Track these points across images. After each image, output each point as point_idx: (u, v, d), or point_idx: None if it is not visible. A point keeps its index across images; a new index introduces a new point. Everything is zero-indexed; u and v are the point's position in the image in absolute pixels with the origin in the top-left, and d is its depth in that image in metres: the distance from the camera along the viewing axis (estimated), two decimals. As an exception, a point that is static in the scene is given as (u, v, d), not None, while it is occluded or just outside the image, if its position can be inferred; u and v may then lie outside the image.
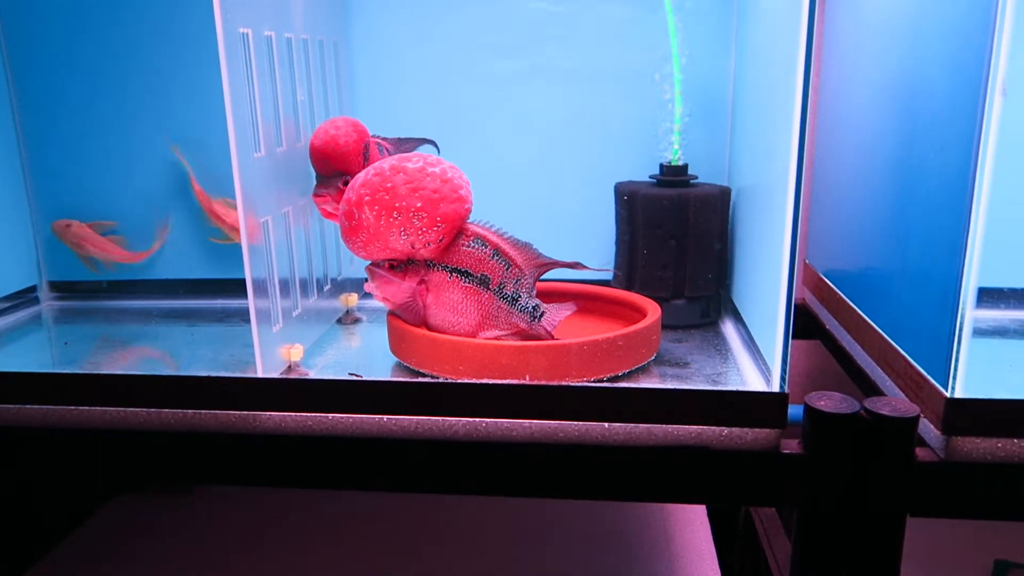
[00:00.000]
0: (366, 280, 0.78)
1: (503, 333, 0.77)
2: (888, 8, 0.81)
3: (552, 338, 0.77)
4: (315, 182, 0.83)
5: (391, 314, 0.80)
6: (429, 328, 0.79)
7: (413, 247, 0.75)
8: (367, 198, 0.73)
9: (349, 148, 0.80)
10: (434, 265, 0.77)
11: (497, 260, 0.78)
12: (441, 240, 0.75)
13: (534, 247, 0.80)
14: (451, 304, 0.77)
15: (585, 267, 0.80)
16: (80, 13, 0.98)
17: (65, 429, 0.75)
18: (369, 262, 0.78)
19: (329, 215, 0.84)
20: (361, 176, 0.75)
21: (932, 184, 0.68)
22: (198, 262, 1.04)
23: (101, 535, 1.14)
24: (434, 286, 0.77)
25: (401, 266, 0.77)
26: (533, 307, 0.77)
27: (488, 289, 0.77)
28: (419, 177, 0.74)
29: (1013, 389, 0.67)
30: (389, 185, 0.73)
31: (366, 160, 0.82)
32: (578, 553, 1.06)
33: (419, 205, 0.73)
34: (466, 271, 0.77)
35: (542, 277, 0.83)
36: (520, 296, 0.77)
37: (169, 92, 0.99)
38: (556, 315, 0.78)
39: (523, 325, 0.77)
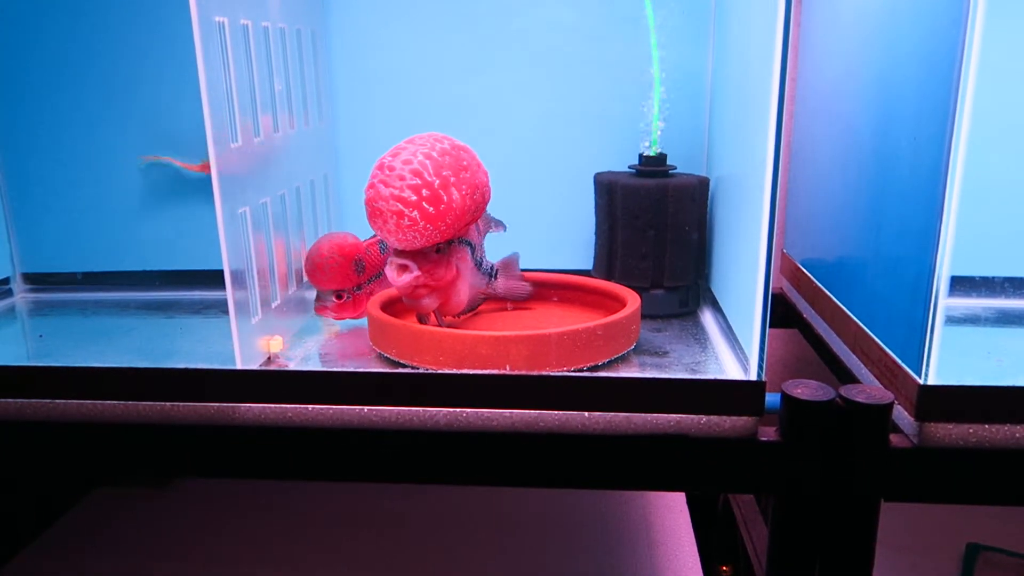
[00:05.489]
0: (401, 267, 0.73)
1: (473, 296, 0.81)
2: (864, 1, 0.82)
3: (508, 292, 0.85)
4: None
5: (373, 305, 0.80)
6: (441, 309, 0.78)
7: (469, 224, 0.74)
8: (452, 179, 0.69)
9: (334, 269, 0.83)
10: (462, 241, 0.77)
11: (475, 229, 0.79)
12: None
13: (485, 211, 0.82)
14: (466, 277, 0.77)
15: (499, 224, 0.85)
16: None
17: (42, 422, 0.74)
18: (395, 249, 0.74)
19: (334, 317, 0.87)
20: (419, 159, 0.69)
21: (906, 174, 0.69)
22: (175, 253, 1.03)
23: (79, 529, 1.13)
24: (460, 262, 0.77)
25: (445, 247, 0.75)
26: (490, 268, 0.80)
27: (472, 256, 0.78)
28: (473, 154, 0.73)
29: (984, 376, 0.68)
30: (465, 163, 0.71)
31: (359, 272, 0.84)
32: (558, 540, 1.07)
33: (485, 180, 0.73)
34: (473, 243, 0.78)
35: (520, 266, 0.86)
36: (483, 260, 0.80)
37: (144, 82, 0.98)
38: (505, 266, 0.83)
39: (483, 286, 0.79)
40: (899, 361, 0.68)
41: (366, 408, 0.71)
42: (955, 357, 0.67)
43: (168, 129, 0.98)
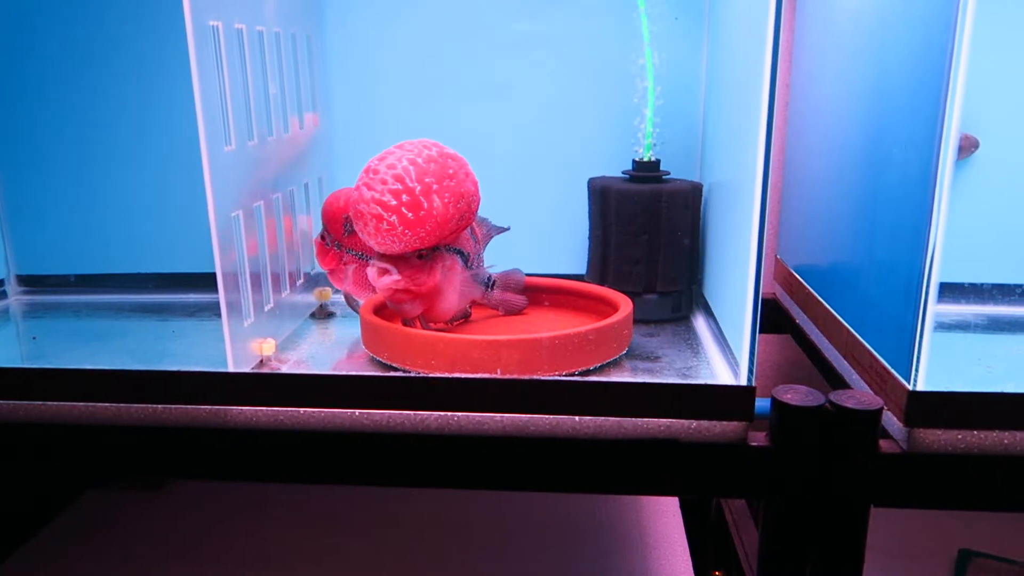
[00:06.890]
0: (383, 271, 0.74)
1: (465, 306, 0.81)
2: (856, 8, 0.82)
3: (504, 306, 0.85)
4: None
5: (365, 308, 0.80)
6: (427, 316, 0.79)
7: (454, 232, 0.74)
8: (435, 187, 0.70)
9: (331, 210, 0.84)
10: (450, 249, 0.77)
11: (470, 236, 0.79)
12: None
13: (488, 220, 0.81)
14: (454, 286, 0.77)
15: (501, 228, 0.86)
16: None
17: (35, 424, 0.74)
18: (376, 255, 0.75)
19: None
20: (403, 164, 0.69)
21: (896, 181, 0.69)
22: (168, 256, 1.03)
23: (72, 531, 1.13)
24: (447, 270, 0.77)
25: (429, 254, 0.75)
26: (487, 278, 0.80)
27: (466, 265, 0.78)
28: (463, 162, 0.73)
29: (974, 382, 0.68)
30: (451, 171, 0.71)
31: (346, 230, 0.84)
32: (551, 544, 1.07)
33: (472, 190, 0.73)
34: (465, 252, 0.78)
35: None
36: (479, 270, 0.80)
37: (139, 84, 0.98)
38: (505, 280, 0.84)
39: (478, 295, 0.79)
40: (889, 367, 0.68)
41: (358, 411, 0.71)
42: (945, 363, 0.68)
43: (162, 132, 0.98)
